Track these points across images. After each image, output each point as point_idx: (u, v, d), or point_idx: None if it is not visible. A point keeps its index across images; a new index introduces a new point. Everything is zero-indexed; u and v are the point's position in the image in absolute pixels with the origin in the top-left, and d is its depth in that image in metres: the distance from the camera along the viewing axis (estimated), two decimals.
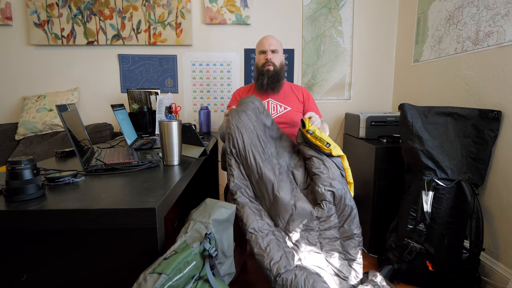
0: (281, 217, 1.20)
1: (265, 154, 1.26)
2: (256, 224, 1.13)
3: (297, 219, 1.19)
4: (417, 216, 1.38)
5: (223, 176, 2.28)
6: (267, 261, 1.08)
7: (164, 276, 0.55)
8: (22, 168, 0.65)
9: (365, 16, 2.23)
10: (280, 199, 1.18)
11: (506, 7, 1.31)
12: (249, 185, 1.23)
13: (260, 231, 1.13)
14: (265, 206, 1.22)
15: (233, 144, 1.22)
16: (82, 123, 1.12)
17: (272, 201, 1.20)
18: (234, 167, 1.23)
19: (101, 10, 2.12)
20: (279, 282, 1.06)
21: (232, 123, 1.24)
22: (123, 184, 0.77)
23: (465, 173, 1.38)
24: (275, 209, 1.20)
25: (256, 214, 1.17)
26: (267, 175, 1.19)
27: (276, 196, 1.19)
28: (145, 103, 1.93)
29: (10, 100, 2.21)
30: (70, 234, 0.62)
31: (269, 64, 1.54)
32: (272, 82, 1.55)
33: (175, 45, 2.18)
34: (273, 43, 1.57)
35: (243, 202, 1.18)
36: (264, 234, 1.13)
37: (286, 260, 1.11)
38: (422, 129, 1.43)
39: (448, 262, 1.33)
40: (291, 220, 1.19)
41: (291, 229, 1.19)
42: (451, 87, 1.67)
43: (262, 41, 1.59)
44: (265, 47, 1.56)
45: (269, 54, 1.55)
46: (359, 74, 2.29)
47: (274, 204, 1.20)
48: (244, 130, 1.24)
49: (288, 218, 1.19)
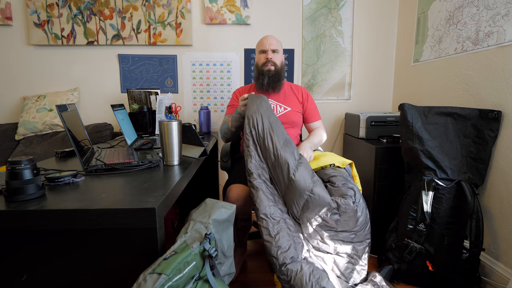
0: (295, 203, 1.17)
1: (283, 139, 1.26)
2: (268, 209, 1.12)
3: (313, 207, 1.15)
4: (417, 216, 1.38)
5: (223, 176, 2.28)
6: (275, 249, 1.07)
7: (164, 277, 0.55)
8: (22, 168, 0.65)
9: (365, 16, 2.23)
10: (295, 182, 1.16)
11: (506, 7, 1.31)
12: (266, 168, 1.23)
13: (271, 217, 1.12)
14: (280, 191, 1.21)
15: (253, 125, 1.25)
16: (82, 123, 1.12)
17: (287, 184, 1.18)
18: (252, 148, 1.24)
19: (101, 10, 2.12)
20: (284, 272, 1.05)
21: (253, 106, 1.28)
22: (123, 184, 0.77)
23: (465, 173, 1.38)
24: (290, 193, 1.17)
25: (270, 199, 1.16)
26: (283, 156, 1.19)
27: (291, 179, 1.17)
28: (145, 103, 1.93)
29: (10, 100, 2.21)
30: (70, 234, 0.62)
31: (270, 64, 1.54)
32: (273, 82, 1.55)
33: (175, 45, 2.18)
34: (274, 43, 1.57)
35: (258, 185, 1.17)
36: (276, 221, 1.12)
37: (294, 251, 1.09)
38: (422, 129, 1.43)
39: (448, 262, 1.33)
40: (306, 208, 1.16)
41: (306, 219, 1.16)
42: (451, 87, 1.67)
43: (262, 41, 1.59)
44: (266, 46, 1.56)
45: (270, 53, 1.55)
46: (359, 74, 2.29)
47: (289, 188, 1.18)
48: (264, 114, 1.28)
49: (303, 205, 1.16)
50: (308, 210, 1.16)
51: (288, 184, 1.18)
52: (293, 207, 1.18)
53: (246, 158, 1.24)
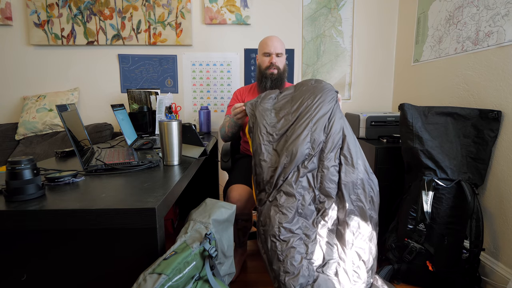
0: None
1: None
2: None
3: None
4: (417, 216, 1.38)
5: (223, 176, 2.28)
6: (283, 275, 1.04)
7: (164, 277, 0.55)
8: (22, 168, 0.65)
9: (365, 16, 2.23)
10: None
11: (506, 7, 1.31)
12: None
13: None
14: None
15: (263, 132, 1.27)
16: (82, 123, 1.12)
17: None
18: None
19: (101, 10, 2.12)
20: None
21: (257, 114, 1.29)
22: (123, 184, 0.77)
23: (465, 173, 1.38)
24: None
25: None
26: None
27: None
28: (145, 103, 1.93)
29: (10, 100, 2.21)
30: (70, 234, 0.62)
31: (274, 68, 1.54)
32: (276, 86, 1.56)
33: (175, 45, 2.18)
34: (278, 46, 1.55)
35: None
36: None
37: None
38: (422, 129, 1.43)
39: (448, 262, 1.33)
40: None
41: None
42: (451, 87, 1.67)
43: (267, 43, 1.56)
44: (271, 49, 1.54)
45: (274, 58, 1.54)
46: (359, 74, 2.29)
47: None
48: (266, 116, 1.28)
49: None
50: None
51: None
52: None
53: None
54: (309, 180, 1.15)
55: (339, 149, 1.20)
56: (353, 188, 1.15)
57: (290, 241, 1.06)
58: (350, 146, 1.20)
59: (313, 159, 1.16)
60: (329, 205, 1.14)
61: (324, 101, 1.24)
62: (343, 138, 1.22)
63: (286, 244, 1.06)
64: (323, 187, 1.15)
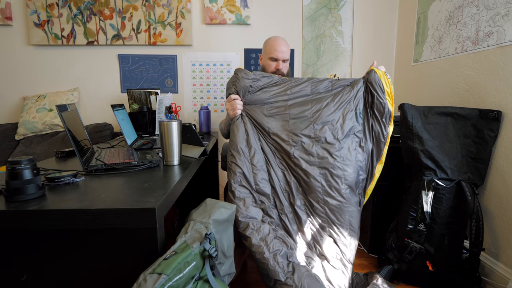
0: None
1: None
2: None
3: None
4: (417, 216, 1.38)
5: (223, 176, 2.28)
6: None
7: (164, 277, 0.55)
8: (22, 168, 0.65)
9: (365, 16, 2.23)
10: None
11: (506, 7, 1.31)
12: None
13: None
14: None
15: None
16: (82, 123, 1.12)
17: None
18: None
19: (101, 10, 2.12)
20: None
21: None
22: (123, 184, 0.77)
23: (465, 173, 1.38)
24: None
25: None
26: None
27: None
28: (145, 103, 1.93)
29: (10, 100, 2.21)
30: (70, 234, 0.62)
31: (279, 74, 1.52)
32: None
33: (175, 45, 2.18)
34: (285, 51, 1.51)
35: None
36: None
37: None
38: (422, 129, 1.43)
39: (448, 262, 1.33)
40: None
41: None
42: (451, 87, 1.67)
43: (274, 47, 1.51)
44: (278, 55, 1.50)
45: (281, 64, 1.51)
46: (359, 74, 2.29)
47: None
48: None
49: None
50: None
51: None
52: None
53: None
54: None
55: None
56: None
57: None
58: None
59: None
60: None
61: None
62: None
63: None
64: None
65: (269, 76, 1.32)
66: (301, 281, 1.05)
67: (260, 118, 1.26)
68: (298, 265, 1.12)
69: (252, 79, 1.28)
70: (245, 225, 1.12)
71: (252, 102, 1.29)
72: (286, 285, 1.05)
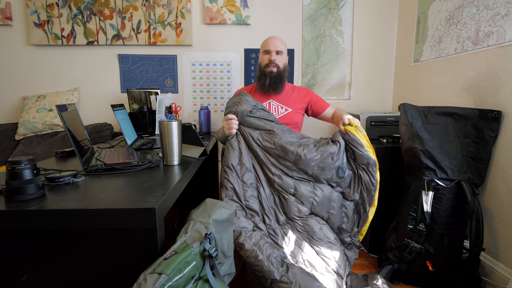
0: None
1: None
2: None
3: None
4: (417, 216, 1.38)
5: None
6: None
7: (164, 276, 0.55)
8: (22, 168, 0.65)
9: (365, 16, 2.23)
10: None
11: (506, 7, 1.31)
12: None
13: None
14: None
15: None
16: (82, 123, 1.12)
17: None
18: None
19: (101, 10, 2.12)
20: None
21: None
22: (123, 184, 0.77)
23: (465, 173, 1.38)
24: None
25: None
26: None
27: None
28: (145, 103, 1.93)
29: (10, 100, 2.20)
30: (70, 234, 0.62)
31: (273, 66, 1.54)
32: (274, 84, 1.55)
33: (175, 45, 2.18)
34: (278, 44, 1.57)
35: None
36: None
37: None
38: (422, 129, 1.43)
39: (448, 262, 1.33)
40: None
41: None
42: (451, 87, 1.67)
43: (267, 41, 1.59)
44: (270, 47, 1.56)
45: (274, 55, 1.54)
46: (359, 74, 2.29)
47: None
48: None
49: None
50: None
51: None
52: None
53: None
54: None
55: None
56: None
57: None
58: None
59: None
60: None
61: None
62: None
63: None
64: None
65: (269, 113, 1.42)
66: (295, 277, 1.09)
67: (251, 142, 1.36)
68: (292, 264, 1.16)
69: (253, 106, 1.38)
70: (237, 233, 1.18)
71: (248, 125, 1.38)
72: (282, 283, 1.08)
